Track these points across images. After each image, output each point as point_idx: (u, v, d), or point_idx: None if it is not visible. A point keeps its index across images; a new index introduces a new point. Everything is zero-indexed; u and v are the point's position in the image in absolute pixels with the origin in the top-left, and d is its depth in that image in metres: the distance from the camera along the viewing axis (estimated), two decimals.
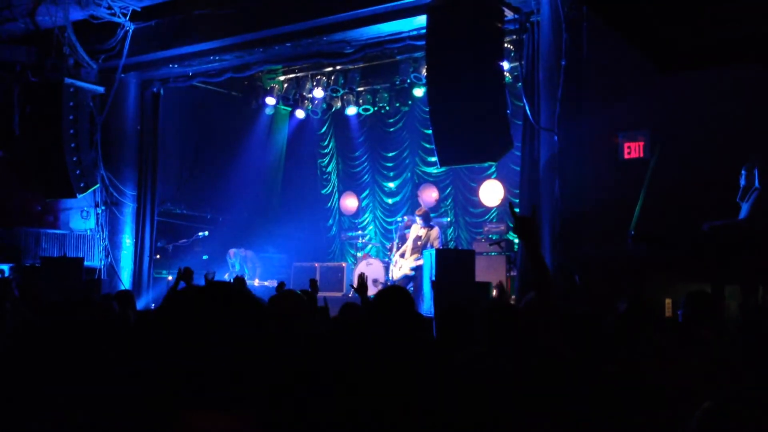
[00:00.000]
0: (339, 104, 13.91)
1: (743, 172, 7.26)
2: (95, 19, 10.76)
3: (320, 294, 6.92)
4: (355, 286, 4.98)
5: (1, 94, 11.69)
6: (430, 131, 10.28)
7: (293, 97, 13.85)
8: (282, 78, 13.75)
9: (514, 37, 9.59)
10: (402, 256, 11.09)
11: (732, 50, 5.78)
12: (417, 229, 11.00)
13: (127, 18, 10.95)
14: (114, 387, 2.18)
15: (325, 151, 15.41)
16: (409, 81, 12.47)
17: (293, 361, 2.37)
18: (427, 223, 10.91)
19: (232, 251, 12.39)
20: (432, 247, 10.39)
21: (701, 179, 7.71)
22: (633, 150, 8.31)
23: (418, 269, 10.56)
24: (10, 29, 11.43)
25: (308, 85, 13.40)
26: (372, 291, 5.94)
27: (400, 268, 10.97)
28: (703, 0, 4.51)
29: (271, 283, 11.66)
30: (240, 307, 1.60)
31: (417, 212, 11.19)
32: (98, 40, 11.29)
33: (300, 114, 14.49)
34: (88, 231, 11.97)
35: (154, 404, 1.51)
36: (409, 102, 13.75)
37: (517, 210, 2.99)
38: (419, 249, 10.72)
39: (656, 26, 5.06)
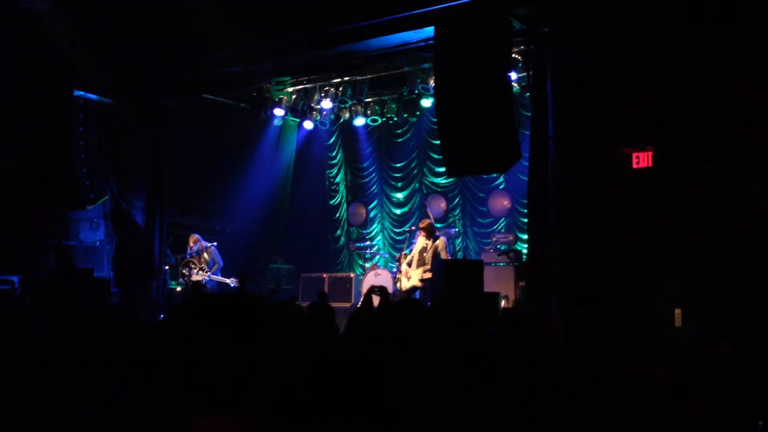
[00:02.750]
0: (347, 115, 13.94)
1: None
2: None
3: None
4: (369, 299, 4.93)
5: (12, 106, 11.78)
6: (438, 141, 10.28)
7: (302, 108, 13.88)
8: (290, 89, 13.79)
9: (522, 47, 9.61)
10: (409, 265, 11.08)
11: None
12: (422, 241, 10.99)
13: None
14: (124, 395, 2.18)
15: (334, 161, 15.43)
16: (417, 91, 12.49)
17: (297, 370, 2.37)
18: (431, 235, 10.91)
19: (194, 237, 12.07)
20: (441, 257, 10.39)
21: (709, 188, 7.69)
22: (641, 160, 8.29)
23: (426, 281, 10.56)
24: None
25: (317, 96, 13.44)
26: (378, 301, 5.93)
27: (409, 279, 10.95)
28: None
29: (233, 282, 11.47)
30: (247, 316, 1.60)
31: (420, 225, 11.20)
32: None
33: (308, 125, 14.52)
34: (98, 242, 12.02)
35: (164, 411, 1.52)
36: (417, 112, 13.77)
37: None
38: (425, 261, 10.71)
39: None
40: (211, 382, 1.50)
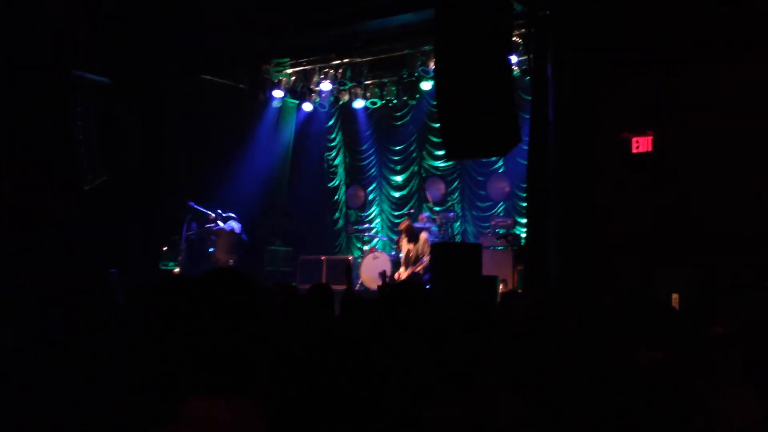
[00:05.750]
0: (347, 97, 13.89)
1: None
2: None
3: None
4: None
5: (9, 86, 11.71)
6: (437, 125, 10.27)
7: (301, 89, 13.84)
8: (290, 71, 13.74)
9: (523, 30, 9.57)
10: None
11: None
12: (405, 244, 11.21)
13: None
14: (116, 375, 2.19)
15: (333, 144, 15.39)
16: (417, 74, 12.44)
17: (294, 351, 2.37)
18: (414, 237, 11.11)
19: (228, 230, 12.39)
20: (425, 254, 10.71)
21: (709, 173, 7.69)
22: (641, 144, 8.29)
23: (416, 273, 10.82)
24: None
25: (316, 78, 13.39)
26: (378, 283, 5.98)
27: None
28: None
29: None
30: (242, 295, 1.60)
31: (400, 227, 11.46)
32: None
33: (307, 107, 14.47)
34: None
35: (158, 392, 1.52)
36: (417, 95, 13.73)
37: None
38: (413, 261, 10.96)
39: None
40: (203, 363, 1.50)
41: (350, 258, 13.40)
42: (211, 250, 12.78)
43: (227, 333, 1.53)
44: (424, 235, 11.08)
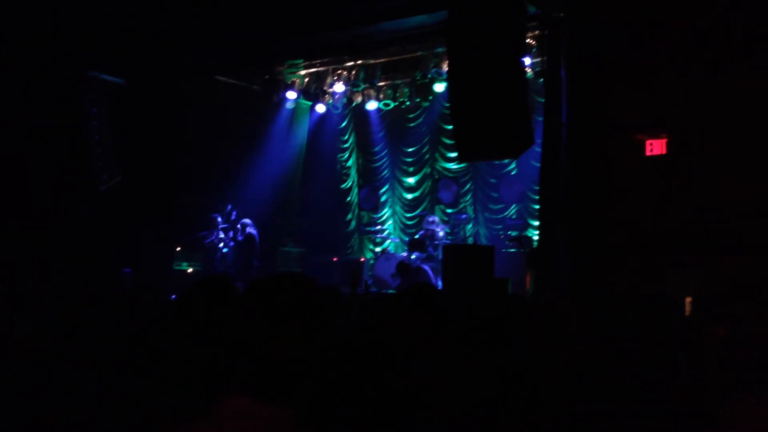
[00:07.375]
0: (359, 99, 13.91)
1: None
2: None
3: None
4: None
5: (26, 85, 11.81)
6: (450, 127, 10.27)
7: (314, 91, 13.86)
8: (303, 72, 13.76)
9: (537, 32, 9.55)
10: None
11: None
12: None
13: None
14: (156, 370, 2.19)
15: (345, 145, 15.41)
16: (430, 76, 12.44)
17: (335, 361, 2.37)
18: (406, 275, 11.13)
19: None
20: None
21: (723, 176, 7.65)
22: (655, 147, 8.25)
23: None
24: None
25: (329, 80, 13.40)
26: (392, 285, 5.97)
27: None
28: None
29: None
30: (305, 303, 1.58)
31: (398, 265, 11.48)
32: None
33: (320, 108, 14.49)
34: None
35: (196, 387, 1.53)
36: (430, 97, 13.72)
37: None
38: None
39: None
40: (252, 364, 1.50)
41: (362, 260, 13.41)
42: (225, 250, 12.85)
43: (283, 339, 1.53)
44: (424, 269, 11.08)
